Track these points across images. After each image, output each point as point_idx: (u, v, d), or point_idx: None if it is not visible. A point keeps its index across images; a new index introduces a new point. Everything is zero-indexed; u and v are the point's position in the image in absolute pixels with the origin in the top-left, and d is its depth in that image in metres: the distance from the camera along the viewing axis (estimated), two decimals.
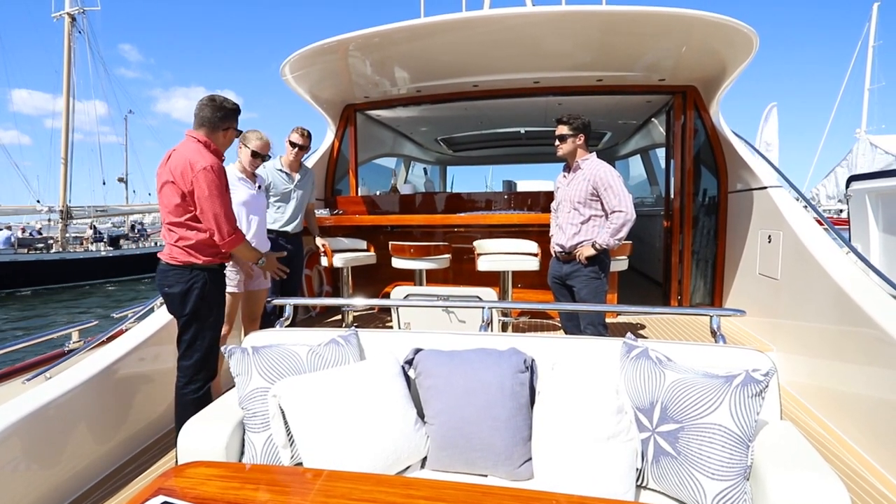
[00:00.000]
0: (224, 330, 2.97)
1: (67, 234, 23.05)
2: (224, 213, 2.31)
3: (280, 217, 3.74)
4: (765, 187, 4.08)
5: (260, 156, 3.17)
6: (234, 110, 2.44)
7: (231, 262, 2.82)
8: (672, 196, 5.19)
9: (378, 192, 6.35)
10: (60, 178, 22.88)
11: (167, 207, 2.32)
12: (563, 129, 3.12)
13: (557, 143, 3.16)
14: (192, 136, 2.36)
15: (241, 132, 2.95)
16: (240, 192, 3.03)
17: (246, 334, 2.99)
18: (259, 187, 3.22)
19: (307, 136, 3.80)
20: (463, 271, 5.14)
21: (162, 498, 1.22)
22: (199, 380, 2.39)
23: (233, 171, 3.07)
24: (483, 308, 2.40)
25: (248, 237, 3.04)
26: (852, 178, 5.62)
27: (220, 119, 2.38)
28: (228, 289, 2.92)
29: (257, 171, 3.29)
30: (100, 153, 39.63)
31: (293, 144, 3.74)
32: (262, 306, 3.26)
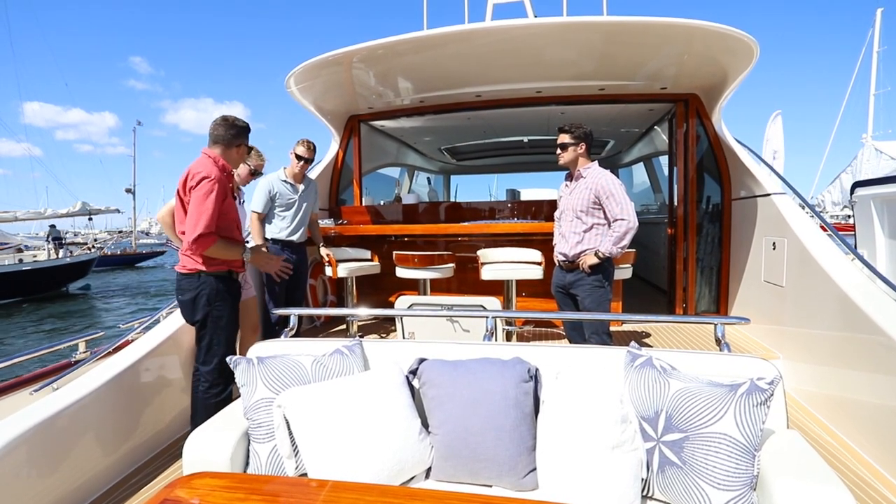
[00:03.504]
0: None
1: None
2: (202, 216, 2.30)
3: (286, 227, 3.79)
4: (768, 194, 4.08)
5: (259, 174, 3.51)
6: (245, 128, 2.60)
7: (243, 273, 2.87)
8: (676, 203, 5.19)
9: (382, 202, 6.37)
10: None
11: (177, 217, 2.47)
12: (564, 138, 3.14)
13: (559, 151, 3.17)
14: (206, 152, 2.50)
15: (251, 149, 3.14)
16: None
17: (245, 344, 3.01)
18: (241, 203, 3.44)
19: (312, 150, 3.88)
20: (467, 280, 5.15)
21: None
22: (221, 383, 2.47)
23: None
24: (487, 317, 2.40)
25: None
26: (857, 185, 5.58)
27: (233, 136, 2.53)
28: None
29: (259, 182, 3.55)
30: None
31: (299, 157, 3.80)
32: (255, 314, 3.30)
